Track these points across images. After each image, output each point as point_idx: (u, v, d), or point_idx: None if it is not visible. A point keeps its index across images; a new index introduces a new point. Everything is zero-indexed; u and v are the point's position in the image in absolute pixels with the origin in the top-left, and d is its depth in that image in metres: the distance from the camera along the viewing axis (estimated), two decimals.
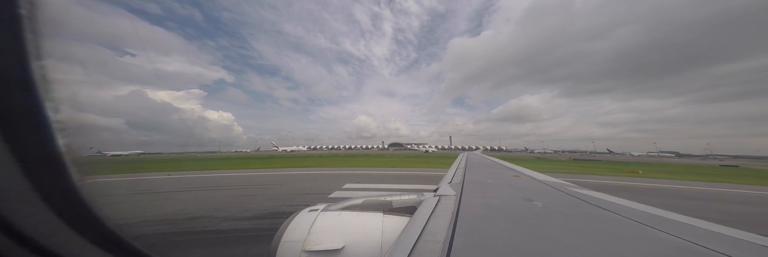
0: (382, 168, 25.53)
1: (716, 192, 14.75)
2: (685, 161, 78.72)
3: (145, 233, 6.66)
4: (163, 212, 8.64)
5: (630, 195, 12.73)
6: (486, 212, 1.89)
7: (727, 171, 32.39)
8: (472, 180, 3.64)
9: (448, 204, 2.08)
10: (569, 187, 3.21)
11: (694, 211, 9.85)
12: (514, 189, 2.98)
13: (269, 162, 35.27)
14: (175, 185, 15.53)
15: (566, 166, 33.62)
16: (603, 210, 2.03)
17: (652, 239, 1.39)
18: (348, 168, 25.55)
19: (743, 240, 1.40)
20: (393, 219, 2.19)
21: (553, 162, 47.65)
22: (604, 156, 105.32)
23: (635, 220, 1.72)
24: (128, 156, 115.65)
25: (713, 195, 13.49)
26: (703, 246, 1.28)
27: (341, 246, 1.87)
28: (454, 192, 2.63)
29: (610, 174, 22.89)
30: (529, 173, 4.90)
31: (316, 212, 2.27)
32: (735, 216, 9.24)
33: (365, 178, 17.24)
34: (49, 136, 0.80)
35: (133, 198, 11.42)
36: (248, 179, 17.58)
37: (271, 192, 12.16)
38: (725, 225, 1.62)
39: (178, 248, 5.77)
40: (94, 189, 0.92)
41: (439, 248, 1.19)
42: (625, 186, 16.16)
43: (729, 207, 10.86)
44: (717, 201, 12.17)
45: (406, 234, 1.43)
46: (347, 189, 13.04)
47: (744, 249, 1.28)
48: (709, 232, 1.52)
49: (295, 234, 2.00)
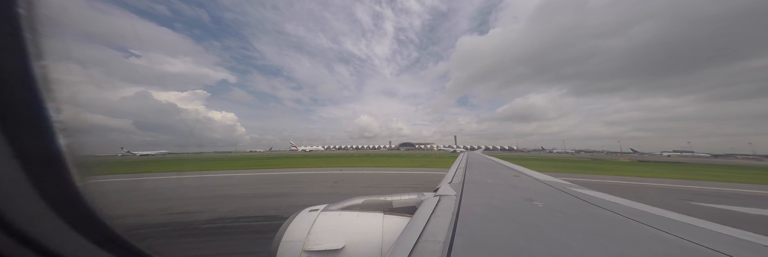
0: (430, 168, 24.18)
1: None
2: (736, 162, 63.17)
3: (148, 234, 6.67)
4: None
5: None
6: (486, 212, 1.89)
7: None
8: (473, 180, 3.64)
9: (448, 204, 2.08)
10: (570, 187, 3.21)
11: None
12: (515, 189, 2.98)
13: (304, 162, 34.50)
14: (260, 182, 15.84)
15: (652, 170, 25.28)
16: (603, 209, 2.03)
17: (652, 239, 1.39)
18: (394, 168, 24.44)
19: (743, 239, 1.40)
20: (393, 219, 2.19)
21: (617, 163, 37.40)
22: (633, 156, 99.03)
23: (636, 220, 1.72)
24: (155, 156, 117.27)
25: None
26: (704, 246, 1.28)
27: (341, 246, 1.87)
28: (454, 192, 2.63)
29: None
30: (529, 173, 4.90)
31: (317, 212, 2.27)
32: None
33: (434, 178, 16.26)
34: (51, 136, 0.80)
35: (206, 193, 11.56)
36: (324, 177, 17.22)
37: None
38: (725, 225, 1.61)
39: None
40: (96, 188, 0.92)
41: (440, 248, 1.19)
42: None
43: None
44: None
45: (406, 234, 1.43)
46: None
47: (744, 249, 1.28)
48: (709, 232, 1.52)
49: (295, 234, 2.00)
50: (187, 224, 7.46)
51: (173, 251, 5.56)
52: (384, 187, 13.96)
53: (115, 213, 0.99)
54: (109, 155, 7.76)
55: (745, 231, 1.52)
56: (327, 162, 33.30)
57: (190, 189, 14.63)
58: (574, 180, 6.10)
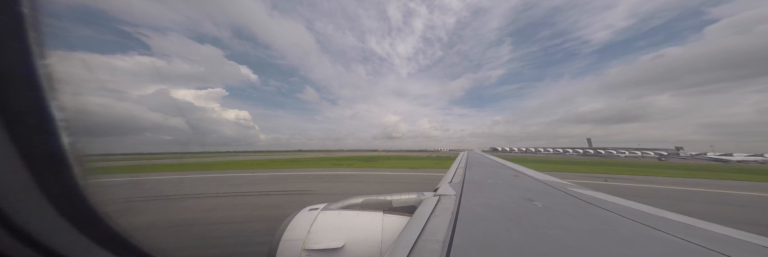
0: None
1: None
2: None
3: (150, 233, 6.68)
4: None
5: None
6: (486, 212, 1.90)
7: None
8: (472, 180, 3.65)
9: (447, 204, 2.09)
10: (569, 187, 3.21)
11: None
12: (514, 189, 2.99)
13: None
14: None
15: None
16: (603, 210, 2.03)
17: (652, 239, 1.40)
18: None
19: (743, 240, 1.40)
20: (393, 219, 2.20)
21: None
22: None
23: (635, 220, 1.73)
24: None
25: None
26: (703, 247, 1.28)
27: (341, 245, 1.88)
28: (454, 191, 2.64)
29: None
30: (529, 173, 4.90)
31: (317, 211, 2.28)
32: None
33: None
34: (54, 135, 0.80)
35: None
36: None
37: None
38: (725, 226, 1.62)
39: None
40: (98, 188, 0.92)
41: (439, 247, 1.20)
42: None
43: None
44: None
45: (405, 233, 1.44)
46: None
47: (744, 249, 1.28)
48: (709, 232, 1.52)
49: (295, 232, 2.01)
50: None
51: (174, 250, 5.57)
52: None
53: (116, 212, 1.00)
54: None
55: (744, 232, 1.52)
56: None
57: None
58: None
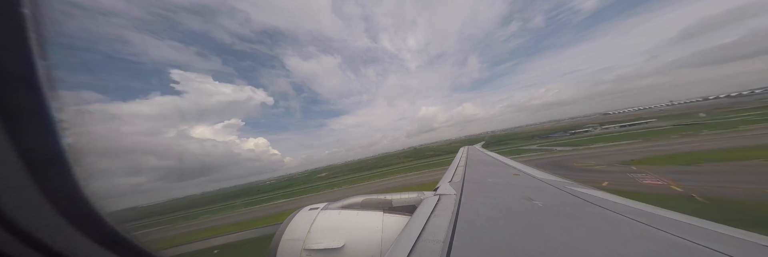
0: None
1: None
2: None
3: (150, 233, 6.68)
4: None
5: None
6: (486, 211, 1.90)
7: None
8: (473, 179, 3.65)
9: (448, 204, 2.09)
10: (569, 185, 3.22)
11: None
12: (515, 188, 2.99)
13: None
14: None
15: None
16: (603, 209, 2.04)
17: (652, 238, 1.40)
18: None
19: (743, 239, 1.41)
20: (393, 218, 2.21)
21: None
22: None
23: (635, 219, 1.73)
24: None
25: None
26: (703, 246, 1.29)
27: (341, 245, 1.88)
28: (454, 191, 2.64)
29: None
30: (528, 171, 4.91)
31: (317, 210, 2.29)
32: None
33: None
34: (54, 135, 0.81)
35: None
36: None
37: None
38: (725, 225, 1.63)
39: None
40: (99, 187, 0.92)
41: (439, 247, 1.20)
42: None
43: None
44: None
45: (405, 233, 1.44)
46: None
47: (744, 249, 1.29)
48: (709, 232, 1.52)
49: (295, 232, 2.02)
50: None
51: (174, 251, 5.58)
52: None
53: (117, 212, 1.00)
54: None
55: (744, 231, 1.53)
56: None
57: None
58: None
